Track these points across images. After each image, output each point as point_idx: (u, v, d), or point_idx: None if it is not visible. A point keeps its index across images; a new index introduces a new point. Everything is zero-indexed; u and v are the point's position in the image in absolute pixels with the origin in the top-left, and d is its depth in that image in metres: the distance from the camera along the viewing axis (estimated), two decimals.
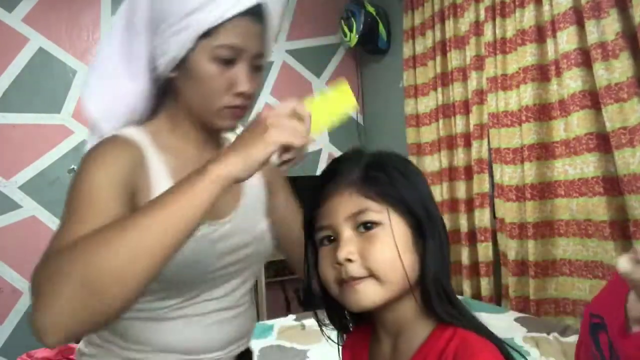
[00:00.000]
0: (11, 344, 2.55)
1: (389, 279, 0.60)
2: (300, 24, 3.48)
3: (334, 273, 0.62)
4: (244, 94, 0.80)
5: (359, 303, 0.60)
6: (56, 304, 0.55)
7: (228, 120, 0.82)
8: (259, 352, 1.83)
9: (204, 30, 0.75)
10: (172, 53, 0.77)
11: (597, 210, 1.96)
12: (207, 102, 0.80)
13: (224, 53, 0.77)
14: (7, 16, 2.65)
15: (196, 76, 0.78)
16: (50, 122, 2.73)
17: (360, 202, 0.61)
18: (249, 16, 0.77)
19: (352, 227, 0.62)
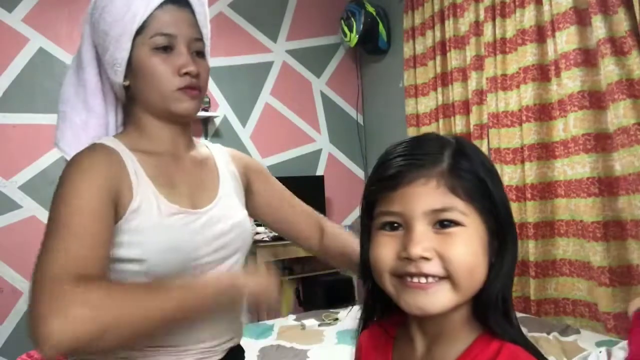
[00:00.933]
0: (11, 344, 2.55)
1: (465, 285, 0.53)
2: (300, 24, 3.48)
3: (395, 265, 0.55)
4: (189, 73, 0.85)
5: (426, 307, 0.54)
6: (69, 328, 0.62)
7: (184, 102, 0.86)
8: (259, 352, 1.83)
9: (137, 26, 0.83)
10: (119, 60, 0.85)
11: (591, 211, 1.96)
12: (159, 90, 0.85)
13: (159, 41, 0.84)
14: (7, 16, 2.65)
15: (143, 71, 0.85)
16: (50, 122, 2.72)
17: (447, 197, 0.53)
18: (174, 4, 0.85)
19: (428, 222, 0.54)
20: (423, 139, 0.59)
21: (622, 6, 1.85)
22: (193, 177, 0.91)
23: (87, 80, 0.91)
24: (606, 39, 1.87)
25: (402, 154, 0.57)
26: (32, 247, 2.63)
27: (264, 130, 3.32)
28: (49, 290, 0.65)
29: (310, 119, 3.51)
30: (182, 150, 0.92)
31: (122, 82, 0.87)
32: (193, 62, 0.85)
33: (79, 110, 0.91)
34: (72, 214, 0.73)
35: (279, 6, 3.41)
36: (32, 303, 0.65)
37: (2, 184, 2.61)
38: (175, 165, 0.90)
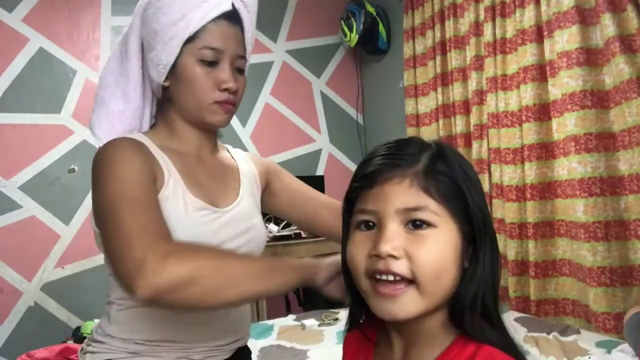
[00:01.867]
0: (11, 344, 2.55)
1: (431, 290, 0.54)
2: (300, 24, 3.48)
3: (367, 264, 0.55)
4: (229, 89, 0.88)
5: (393, 314, 0.54)
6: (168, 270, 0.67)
7: (218, 115, 0.89)
8: (259, 352, 1.83)
9: (188, 35, 0.85)
10: (164, 62, 0.87)
11: (592, 211, 1.96)
12: (197, 100, 0.88)
13: (207, 54, 0.87)
14: (7, 16, 2.65)
15: (185, 79, 0.88)
16: (50, 122, 2.73)
17: (420, 197, 0.54)
18: (226, 20, 0.88)
19: (401, 221, 0.54)
20: (405, 141, 0.60)
21: (630, 3, 1.84)
22: (216, 179, 0.95)
23: (130, 71, 0.93)
24: (615, 37, 1.86)
25: (382, 153, 0.58)
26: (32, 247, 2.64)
27: (264, 130, 3.32)
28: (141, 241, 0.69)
29: (310, 119, 3.51)
30: (207, 154, 0.96)
31: (162, 82, 0.90)
32: (234, 79, 0.89)
33: (117, 98, 0.94)
34: (130, 188, 0.76)
35: (279, 6, 3.41)
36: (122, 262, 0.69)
37: (2, 184, 2.61)
38: (200, 166, 0.93)
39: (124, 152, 0.81)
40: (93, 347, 0.87)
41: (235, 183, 0.98)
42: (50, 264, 2.68)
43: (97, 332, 0.88)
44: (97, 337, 0.87)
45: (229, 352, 0.93)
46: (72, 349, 2.21)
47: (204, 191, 0.89)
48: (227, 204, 0.92)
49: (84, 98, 2.78)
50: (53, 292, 2.68)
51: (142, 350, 0.83)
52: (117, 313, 0.86)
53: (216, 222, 0.87)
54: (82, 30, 2.83)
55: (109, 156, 0.81)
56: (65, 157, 2.74)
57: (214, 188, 0.92)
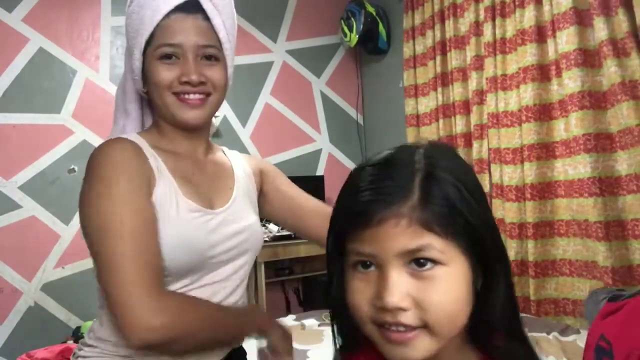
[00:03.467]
0: (11, 344, 2.55)
1: (444, 331, 0.49)
2: (300, 24, 3.48)
3: (372, 312, 0.50)
4: (188, 82, 0.86)
5: (407, 357, 0.50)
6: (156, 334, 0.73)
7: (184, 110, 0.88)
8: (258, 352, 1.83)
9: (146, 38, 0.86)
10: (135, 69, 0.89)
11: (592, 210, 1.96)
12: (160, 96, 0.87)
13: (164, 50, 0.86)
14: (7, 16, 2.65)
15: (151, 79, 0.88)
16: (50, 122, 2.72)
17: (420, 236, 0.48)
18: (182, 12, 0.86)
19: (403, 263, 0.49)
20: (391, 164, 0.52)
21: (621, 7, 1.85)
22: (210, 179, 0.94)
23: (126, 86, 0.95)
24: (607, 41, 1.88)
25: (370, 187, 0.51)
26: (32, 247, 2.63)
27: (264, 130, 3.31)
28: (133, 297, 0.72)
29: (310, 119, 3.51)
30: (200, 154, 0.96)
31: (142, 89, 0.91)
32: (197, 70, 0.86)
33: (121, 114, 0.96)
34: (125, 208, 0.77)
35: (279, 6, 3.41)
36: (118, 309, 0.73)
37: (2, 184, 2.61)
38: (194, 167, 0.93)
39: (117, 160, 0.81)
40: (85, 351, 0.86)
41: (229, 183, 0.97)
42: (50, 264, 2.68)
43: (89, 335, 0.88)
44: (88, 341, 0.87)
45: (222, 354, 0.92)
46: (72, 349, 2.20)
47: (198, 192, 0.89)
48: (222, 204, 0.92)
49: (84, 98, 2.78)
50: (53, 292, 2.68)
51: (133, 354, 0.82)
52: (109, 317, 0.84)
53: (210, 223, 0.87)
54: (82, 30, 2.83)
55: (102, 166, 0.80)
56: (65, 157, 2.74)
57: (208, 188, 0.92)
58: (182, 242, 0.82)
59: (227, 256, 0.89)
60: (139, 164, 0.82)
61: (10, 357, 2.38)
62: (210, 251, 0.86)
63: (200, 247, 0.84)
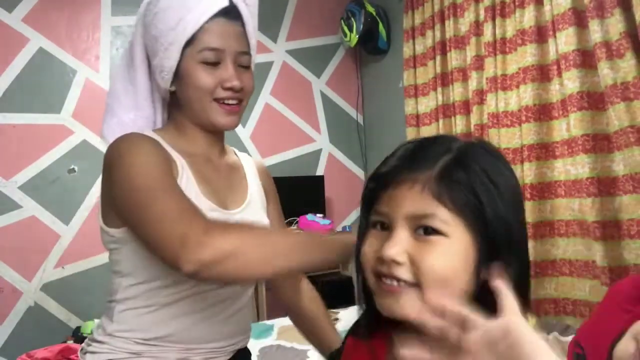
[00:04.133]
0: (11, 344, 2.55)
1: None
2: (300, 24, 3.48)
3: (374, 263, 0.56)
4: (232, 88, 0.87)
5: (394, 311, 0.54)
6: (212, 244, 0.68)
7: (222, 115, 0.88)
8: (258, 352, 1.83)
9: (187, 38, 0.84)
10: (167, 68, 0.87)
11: (590, 211, 1.97)
12: (200, 100, 0.87)
13: (207, 55, 0.85)
14: (7, 16, 2.65)
15: (188, 82, 0.87)
16: (50, 122, 2.73)
17: (429, 204, 0.52)
18: (224, 17, 0.86)
19: (410, 226, 0.54)
20: (430, 141, 0.58)
21: (617, 7, 1.85)
22: (225, 180, 0.95)
23: (137, 80, 0.93)
24: (602, 43, 1.88)
25: (402, 154, 0.57)
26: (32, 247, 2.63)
27: (264, 130, 3.32)
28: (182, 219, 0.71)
29: (310, 119, 3.51)
30: (216, 156, 0.96)
31: (168, 88, 0.90)
32: (237, 76, 0.87)
33: (128, 108, 0.94)
34: (158, 178, 0.77)
35: (279, 6, 3.41)
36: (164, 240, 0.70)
37: (2, 184, 2.61)
38: (210, 167, 0.93)
39: (141, 144, 0.81)
40: (94, 347, 0.86)
41: (243, 186, 0.98)
42: (50, 264, 2.68)
43: (97, 332, 0.88)
44: (97, 337, 0.87)
45: (228, 353, 0.93)
46: (72, 349, 2.21)
47: (215, 192, 0.90)
48: (236, 206, 0.92)
49: (84, 98, 2.78)
50: (53, 292, 2.68)
51: (143, 350, 0.83)
52: (120, 312, 0.85)
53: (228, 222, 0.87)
54: (82, 30, 2.83)
55: (127, 148, 0.80)
56: (65, 157, 2.74)
57: (224, 190, 0.93)
58: None
59: None
60: (163, 154, 0.83)
61: (10, 357, 2.38)
62: None
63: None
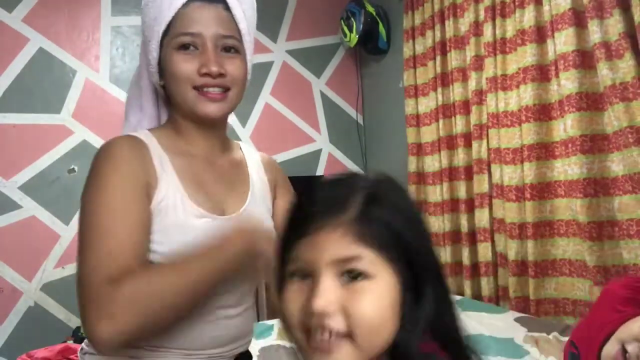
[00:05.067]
0: (11, 344, 2.55)
1: (369, 344, 0.51)
2: (300, 24, 3.48)
3: (301, 317, 0.53)
4: (209, 74, 0.82)
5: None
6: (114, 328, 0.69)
7: (205, 104, 0.84)
8: (258, 352, 1.83)
9: (163, 27, 0.83)
10: (152, 61, 0.85)
11: (587, 211, 1.97)
12: (179, 89, 0.84)
13: (183, 40, 0.82)
14: (7, 16, 2.65)
15: (169, 71, 0.84)
16: (50, 122, 2.72)
17: (354, 247, 0.51)
18: (201, 0, 0.83)
19: (335, 272, 0.51)
20: (339, 183, 0.57)
21: (617, 8, 1.85)
22: (225, 182, 0.91)
23: (141, 82, 0.93)
24: (601, 44, 1.88)
25: (315, 199, 0.55)
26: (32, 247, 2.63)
27: (264, 130, 3.32)
28: (87, 294, 0.71)
29: (310, 119, 3.51)
30: (216, 154, 0.93)
31: (159, 82, 0.88)
32: (217, 60, 0.82)
33: (135, 110, 0.94)
34: (101, 209, 0.76)
35: (279, 6, 3.41)
36: (79, 307, 0.72)
37: (2, 184, 2.61)
38: (208, 169, 0.90)
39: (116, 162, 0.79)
40: (93, 348, 0.86)
41: (244, 187, 0.94)
42: (50, 264, 2.68)
43: None
44: None
45: (229, 358, 0.91)
46: (72, 349, 2.21)
47: (209, 196, 0.86)
48: (234, 209, 0.89)
49: (84, 98, 2.78)
50: (53, 292, 2.68)
51: (142, 355, 0.82)
52: None
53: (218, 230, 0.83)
54: (82, 30, 2.83)
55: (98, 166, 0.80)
56: (65, 157, 2.74)
57: (222, 192, 0.89)
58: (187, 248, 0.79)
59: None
60: (139, 164, 0.80)
61: (10, 357, 2.38)
62: None
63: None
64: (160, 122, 0.95)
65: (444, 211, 2.75)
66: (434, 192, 2.84)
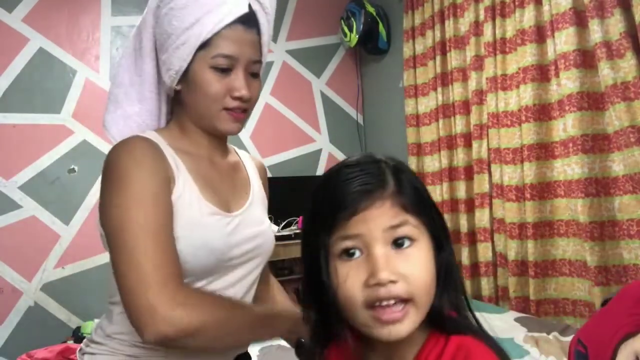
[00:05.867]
0: (11, 344, 2.55)
1: (424, 303, 0.56)
2: (300, 24, 3.48)
3: (365, 294, 0.55)
4: (241, 98, 0.85)
5: (398, 334, 0.55)
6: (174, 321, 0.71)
7: (229, 122, 0.87)
8: (258, 352, 1.83)
9: (201, 41, 0.82)
10: (176, 67, 0.84)
11: (589, 211, 1.97)
12: (207, 107, 0.85)
13: (220, 62, 0.83)
14: (7, 16, 2.65)
15: (197, 86, 0.84)
16: (50, 122, 2.72)
17: (400, 214, 0.56)
18: (242, 24, 0.84)
19: (386, 242, 0.56)
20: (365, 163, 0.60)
21: (618, 7, 1.85)
22: (228, 182, 0.94)
23: (145, 71, 0.90)
24: (602, 43, 1.88)
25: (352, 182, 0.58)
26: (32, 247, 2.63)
27: (264, 130, 3.32)
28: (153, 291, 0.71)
29: (310, 119, 3.51)
30: (218, 156, 0.95)
31: (174, 87, 0.88)
32: (247, 85, 0.86)
33: (132, 100, 0.92)
34: (145, 210, 0.75)
35: (279, 6, 3.38)
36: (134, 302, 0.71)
37: (2, 184, 2.61)
38: (212, 168, 0.92)
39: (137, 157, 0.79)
40: (92, 348, 0.86)
41: (245, 188, 0.97)
42: (50, 264, 2.68)
43: (96, 332, 0.87)
44: (96, 339, 0.86)
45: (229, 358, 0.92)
46: (72, 349, 2.21)
47: (217, 194, 0.88)
48: (239, 207, 0.92)
49: (84, 98, 2.78)
50: (53, 292, 2.68)
51: (141, 354, 0.82)
52: (119, 314, 0.84)
53: (229, 226, 0.87)
54: (82, 30, 2.83)
55: (122, 162, 0.79)
56: (65, 157, 2.74)
57: (226, 191, 0.92)
58: (203, 244, 0.82)
59: (242, 260, 0.90)
60: (159, 161, 0.81)
61: (10, 357, 2.38)
62: (228, 253, 0.86)
63: (220, 249, 0.84)
64: (159, 119, 0.94)
65: (444, 211, 2.75)
66: (434, 192, 2.84)
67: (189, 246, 0.80)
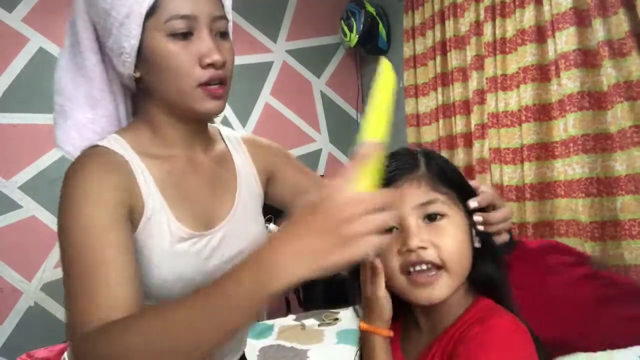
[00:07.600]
0: (11, 344, 2.55)
1: (458, 271, 0.64)
2: (300, 24, 3.48)
3: (401, 260, 0.64)
4: (214, 64, 0.71)
5: (432, 299, 0.63)
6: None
7: (208, 101, 0.73)
8: (258, 352, 1.83)
9: (147, 8, 0.68)
10: (127, 48, 0.70)
11: (590, 211, 1.97)
12: (178, 85, 0.71)
13: (176, 25, 0.69)
14: (7, 16, 2.65)
15: (158, 63, 0.71)
16: (50, 122, 2.71)
17: (431, 193, 0.65)
18: None
19: (418, 216, 0.65)
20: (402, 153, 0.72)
21: (622, 7, 1.84)
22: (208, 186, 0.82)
23: (88, 68, 0.76)
24: (605, 42, 1.88)
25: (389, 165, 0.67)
26: (32, 247, 2.63)
27: (264, 130, 3.32)
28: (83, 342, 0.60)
29: (310, 119, 3.51)
30: (198, 152, 0.82)
31: (132, 74, 0.74)
32: (217, 48, 0.71)
33: (82, 105, 0.77)
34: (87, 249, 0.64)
35: (279, 6, 3.41)
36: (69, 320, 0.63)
37: (2, 184, 2.61)
38: (190, 172, 0.80)
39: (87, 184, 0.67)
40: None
41: (231, 187, 0.85)
42: (50, 264, 2.68)
43: None
44: None
45: None
46: None
47: (193, 207, 0.77)
48: (221, 218, 0.81)
49: None
50: (53, 292, 2.68)
51: None
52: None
53: (205, 249, 0.77)
54: None
55: (73, 190, 0.67)
56: (65, 157, 2.73)
57: (206, 200, 0.80)
58: (177, 276, 0.73)
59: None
60: (119, 184, 0.69)
61: (10, 357, 2.38)
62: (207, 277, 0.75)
63: (196, 278, 0.74)
64: (119, 123, 0.80)
65: None
66: None
67: (160, 279, 0.72)
